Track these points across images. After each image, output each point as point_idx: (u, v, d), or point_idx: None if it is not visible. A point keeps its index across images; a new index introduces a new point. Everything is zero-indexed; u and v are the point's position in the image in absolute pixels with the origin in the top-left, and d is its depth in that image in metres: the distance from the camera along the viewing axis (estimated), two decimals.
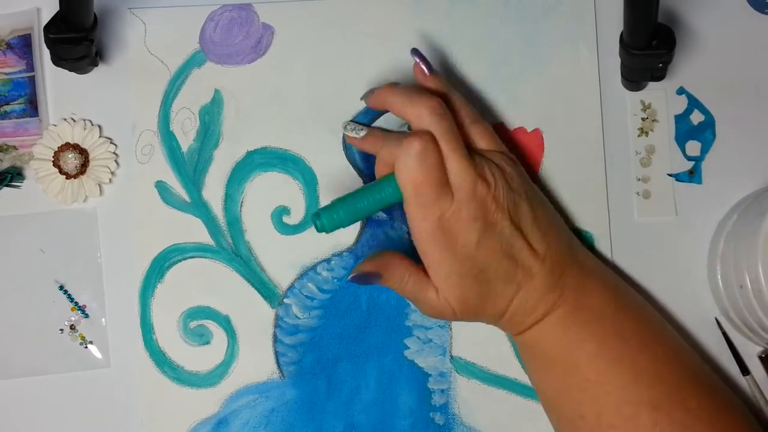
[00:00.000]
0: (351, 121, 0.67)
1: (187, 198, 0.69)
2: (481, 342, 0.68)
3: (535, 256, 0.61)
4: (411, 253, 0.62)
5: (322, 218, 0.62)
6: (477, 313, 0.62)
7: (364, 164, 0.69)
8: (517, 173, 0.63)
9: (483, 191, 0.59)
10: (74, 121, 0.69)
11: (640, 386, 0.60)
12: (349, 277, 0.62)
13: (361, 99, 0.66)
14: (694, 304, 0.68)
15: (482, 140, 0.63)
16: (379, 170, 0.64)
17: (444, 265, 0.60)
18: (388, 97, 0.63)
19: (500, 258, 0.60)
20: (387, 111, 0.65)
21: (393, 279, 0.62)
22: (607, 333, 0.61)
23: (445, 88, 0.64)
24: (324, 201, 0.69)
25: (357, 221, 0.64)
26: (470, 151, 0.61)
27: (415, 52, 0.65)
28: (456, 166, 0.59)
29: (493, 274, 0.60)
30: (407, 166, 0.59)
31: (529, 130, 0.69)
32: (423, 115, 0.60)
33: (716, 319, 0.68)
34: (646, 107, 0.69)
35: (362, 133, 0.64)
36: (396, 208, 0.68)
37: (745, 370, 0.67)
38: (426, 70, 0.64)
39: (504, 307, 0.61)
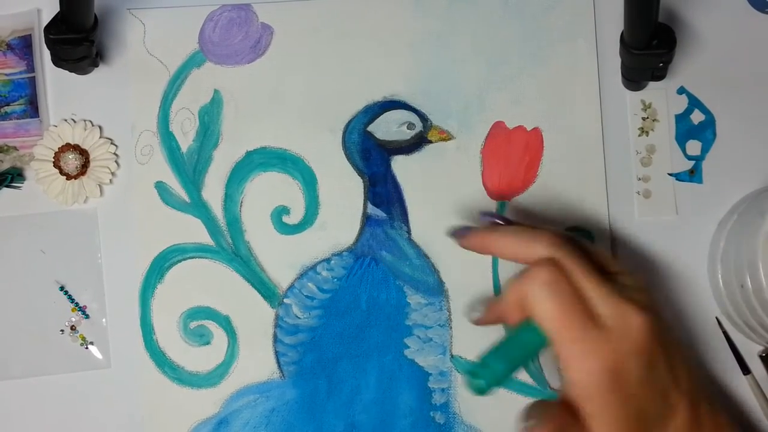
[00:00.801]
0: (473, 309, 0.60)
1: (186, 198, 0.69)
2: (481, 341, 0.68)
3: (680, 391, 0.55)
4: None
5: (481, 377, 0.55)
6: None
7: (364, 164, 0.69)
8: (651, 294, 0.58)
9: (641, 321, 0.53)
10: (75, 121, 0.69)
11: None
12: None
13: (449, 235, 0.63)
14: (695, 303, 0.68)
15: (604, 263, 0.58)
16: (511, 316, 0.56)
17: (610, 410, 0.53)
18: (494, 241, 0.57)
19: (657, 395, 0.54)
20: (392, 110, 0.64)
21: None
22: None
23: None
24: (324, 201, 0.69)
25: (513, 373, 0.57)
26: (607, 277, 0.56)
27: (485, 215, 0.62)
28: (600, 295, 0.53)
29: (650, 414, 0.54)
30: (541, 299, 0.53)
31: (528, 129, 0.69)
32: (543, 249, 0.55)
33: (717, 319, 0.68)
34: (646, 107, 0.69)
35: (482, 308, 0.59)
36: (395, 207, 0.68)
37: (745, 369, 0.67)
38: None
39: None
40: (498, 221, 0.62)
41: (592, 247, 0.58)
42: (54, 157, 0.68)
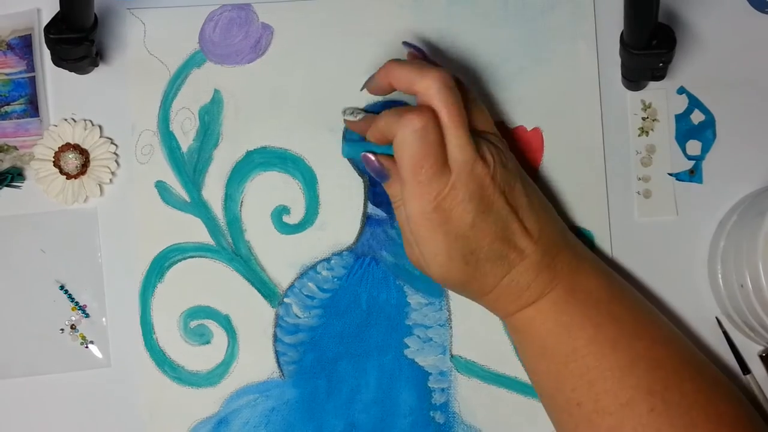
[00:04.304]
0: (350, 107, 0.66)
1: (187, 198, 0.69)
2: (481, 341, 0.68)
3: (529, 237, 0.60)
4: None
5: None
6: (457, 288, 0.62)
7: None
8: (511, 156, 0.62)
9: (481, 171, 0.59)
10: (75, 121, 0.69)
11: (636, 371, 0.59)
12: (364, 156, 0.62)
13: (362, 89, 0.65)
14: (695, 303, 0.68)
15: (478, 121, 0.62)
16: (371, 135, 0.62)
17: (432, 245, 0.59)
18: (394, 71, 0.61)
19: (493, 239, 0.59)
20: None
21: (394, 191, 0.62)
22: (603, 317, 0.61)
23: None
24: (324, 201, 0.69)
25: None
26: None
27: (406, 44, 0.65)
28: (456, 142, 0.58)
29: (483, 254, 0.60)
30: (406, 143, 0.58)
31: (528, 129, 0.69)
32: (432, 87, 0.58)
33: (717, 319, 0.68)
34: (646, 107, 0.69)
35: (359, 116, 0.64)
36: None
37: (745, 369, 0.67)
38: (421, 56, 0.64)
39: (490, 287, 0.61)
40: (415, 51, 0.65)
41: (474, 101, 0.63)
42: (54, 157, 0.68)
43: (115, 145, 0.69)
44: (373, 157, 0.62)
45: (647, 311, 0.64)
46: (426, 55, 0.64)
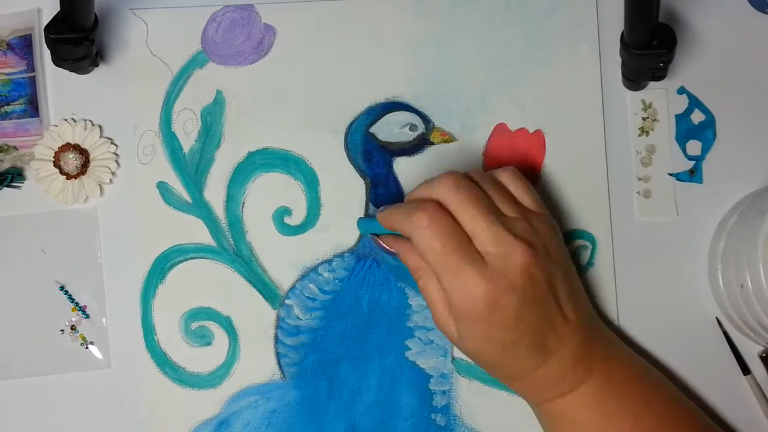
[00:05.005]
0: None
1: (188, 199, 0.68)
2: None
3: (568, 326, 0.59)
4: None
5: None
6: (485, 367, 0.62)
7: (366, 165, 0.69)
8: (556, 240, 0.61)
9: (521, 260, 0.57)
10: (75, 121, 0.69)
11: None
12: (372, 238, 0.64)
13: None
14: (695, 303, 0.68)
15: (523, 199, 0.61)
16: (388, 228, 0.62)
17: (475, 334, 0.59)
18: (386, 221, 0.62)
19: (536, 330, 0.58)
20: (394, 112, 0.65)
21: (412, 262, 0.61)
22: (640, 408, 0.61)
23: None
24: (326, 202, 0.69)
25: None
26: (503, 215, 0.59)
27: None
28: (485, 235, 0.57)
29: (524, 344, 0.58)
30: (422, 242, 0.58)
31: (531, 131, 0.69)
32: (423, 227, 0.58)
33: (717, 319, 0.68)
34: (646, 107, 0.70)
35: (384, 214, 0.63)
36: None
37: (745, 369, 0.67)
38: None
39: (522, 374, 0.60)
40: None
41: (513, 178, 0.62)
42: (54, 157, 0.68)
43: (115, 145, 0.69)
44: (381, 242, 0.65)
45: (679, 399, 0.64)
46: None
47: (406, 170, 0.69)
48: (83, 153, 0.68)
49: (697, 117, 0.70)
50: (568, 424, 0.61)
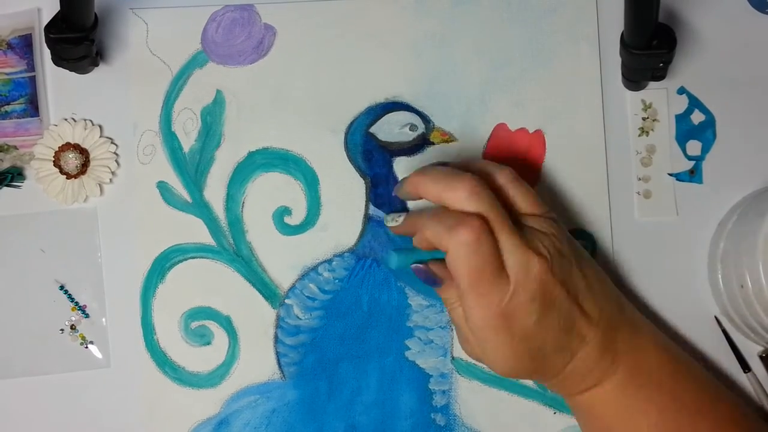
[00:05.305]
0: (391, 213, 0.64)
1: (188, 198, 0.68)
2: None
3: (589, 322, 0.59)
4: None
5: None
6: (522, 378, 0.65)
7: (366, 165, 0.69)
8: (564, 236, 0.61)
9: (539, 268, 0.57)
10: (75, 121, 0.69)
11: None
12: (415, 267, 0.61)
13: (394, 193, 0.66)
14: (695, 303, 0.69)
15: (523, 204, 0.61)
16: (418, 243, 0.61)
17: (498, 348, 0.58)
18: (421, 185, 0.60)
19: (557, 333, 0.58)
20: (394, 112, 0.64)
21: (448, 295, 0.61)
22: (666, 401, 0.60)
23: (463, 164, 0.62)
24: (326, 202, 0.69)
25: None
26: (516, 223, 0.59)
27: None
28: (506, 247, 0.57)
29: (548, 349, 0.58)
30: (460, 258, 0.56)
31: (531, 131, 0.69)
32: (463, 198, 0.57)
33: (716, 318, 0.68)
34: (646, 107, 0.70)
35: (401, 219, 0.62)
36: (397, 208, 0.68)
37: (746, 368, 0.67)
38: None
39: (553, 374, 0.60)
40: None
41: (514, 182, 0.61)
42: (54, 156, 0.68)
43: (115, 144, 0.69)
44: (424, 268, 0.61)
45: (709, 386, 0.64)
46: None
47: (406, 170, 0.69)
48: (83, 152, 0.68)
49: (697, 117, 0.70)
50: (595, 417, 0.62)
